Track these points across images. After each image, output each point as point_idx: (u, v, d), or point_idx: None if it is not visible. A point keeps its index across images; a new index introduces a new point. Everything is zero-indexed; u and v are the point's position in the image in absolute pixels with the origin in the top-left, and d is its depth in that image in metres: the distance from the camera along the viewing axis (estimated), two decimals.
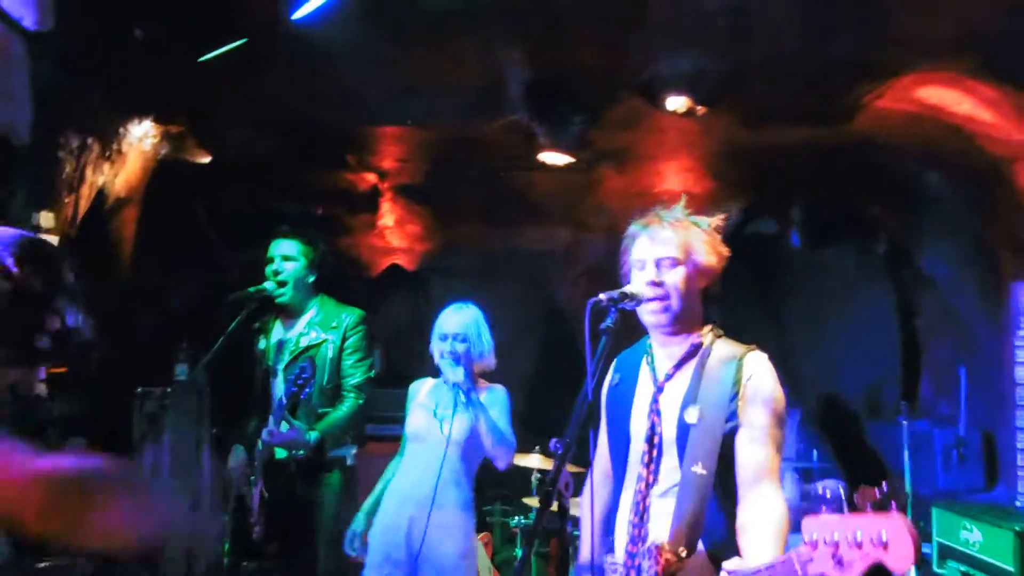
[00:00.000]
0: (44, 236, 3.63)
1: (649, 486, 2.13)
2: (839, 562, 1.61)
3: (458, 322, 3.40)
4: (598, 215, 6.22)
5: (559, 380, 6.47)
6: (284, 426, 3.39)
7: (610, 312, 2.09)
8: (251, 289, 3.63)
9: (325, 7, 3.43)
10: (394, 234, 6.36)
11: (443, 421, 3.31)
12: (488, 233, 6.38)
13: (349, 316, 3.69)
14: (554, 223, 6.34)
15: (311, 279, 3.71)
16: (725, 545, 2.04)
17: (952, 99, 3.92)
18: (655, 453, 2.13)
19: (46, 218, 3.58)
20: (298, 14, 3.52)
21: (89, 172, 4.05)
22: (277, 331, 3.78)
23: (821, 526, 1.65)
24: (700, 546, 2.04)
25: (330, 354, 3.62)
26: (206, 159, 5.14)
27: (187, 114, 4.87)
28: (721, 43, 3.63)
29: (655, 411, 2.16)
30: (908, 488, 4.04)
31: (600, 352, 2.05)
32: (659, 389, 2.18)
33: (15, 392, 3.79)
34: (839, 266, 5.86)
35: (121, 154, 4.43)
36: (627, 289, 2.20)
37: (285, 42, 4.10)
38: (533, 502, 4.43)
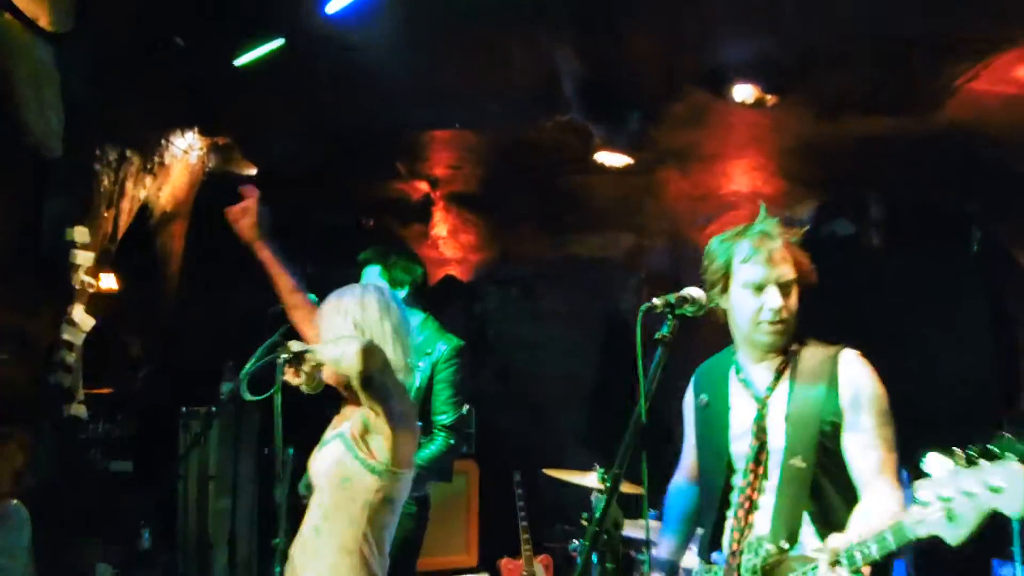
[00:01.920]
0: (79, 251, 3.51)
1: (753, 499, 2.07)
2: (950, 518, 1.57)
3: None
4: (661, 219, 5.90)
5: (621, 393, 6.19)
6: None
7: (665, 321, 1.85)
8: None
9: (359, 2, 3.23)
10: (448, 244, 6.15)
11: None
12: (545, 240, 6.11)
13: (445, 346, 3.52)
14: (614, 228, 6.03)
15: (402, 294, 3.52)
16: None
17: None
18: (762, 470, 2.07)
19: (80, 233, 3.45)
20: (331, 7, 3.33)
21: (130, 186, 3.94)
22: None
23: (933, 485, 1.60)
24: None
25: (417, 382, 3.46)
26: (253, 171, 5.02)
27: (233, 125, 4.76)
28: (792, 23, 3.30)
29: (761, 428, 2.08)
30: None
31: (655, 365, 1.81)
32: (762, 405, 2.10)
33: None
34: (927, 268, 5.39)
35: (164, 167, 4.32)
36: (687, 292, 1.93)
37: (326, 45, 3.93)
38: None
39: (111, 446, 4.29)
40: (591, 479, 4.29)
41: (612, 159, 4.56)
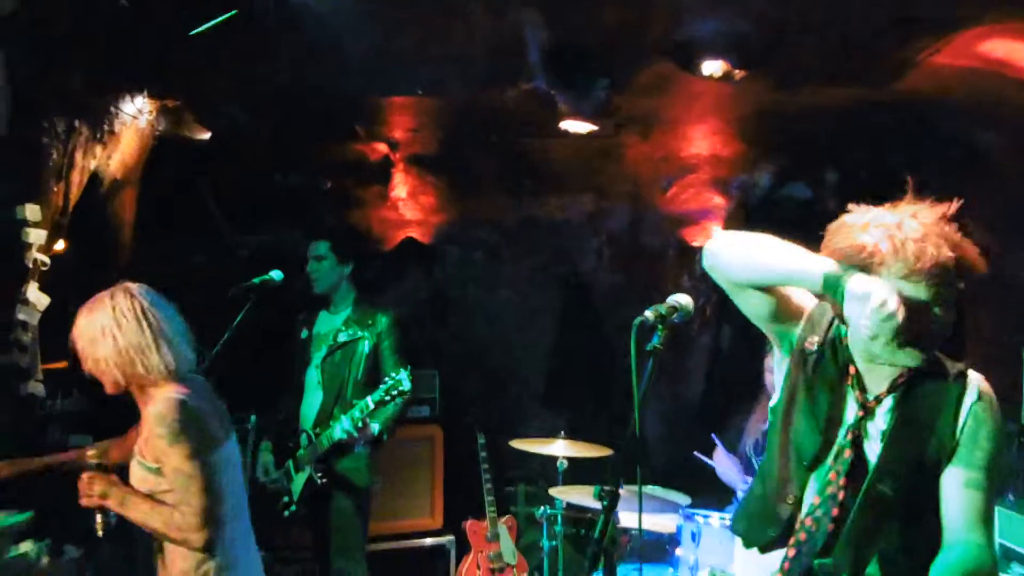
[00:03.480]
0: (31, 230, 3.39)
1: (833, 515, 1.84)
2: None
3: None
4: (621, 182, 5.92)
5: (581, 356, 6.28)
6: (345, 422, 3.80)
7: (656, 331, 1.86)
8: (255, 280, 3.55)
9: None
10: (407, 206, 6.08)
11: None
12: (506, 203, 6.08)
13: (383, 318, 4.12)
14: (575, 191, 6.03)
15: (346, 270, 4.14)
16: None
17: (1022, 53, 3.54)
18: (847, 481, 1.83)
19: (32, 211, 3.33)
20: None
21: (79, 157, 3.78)
22: (321, 324, 4.21)
23: None
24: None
25: (366, 350, 4.06)
26: (206, 135, 4.86)
27: (183, 88, 4.58)
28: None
29: (857, 438, 1.85)
30: None
31: (647, 377, 1.82)
32: (866, 412, 1.86)
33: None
34: None
35: (114, 134, 4.15)
36: (675, 301, 1.95)
37: (283, 8, 3.81)
38: (558, 493, 4.23)
39: (70, 421, 4.21)
40: (556, 447, 4.36)
41: (576, 126, 4.53)
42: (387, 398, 3.71)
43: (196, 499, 2.25)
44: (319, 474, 3.93)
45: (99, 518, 2.36)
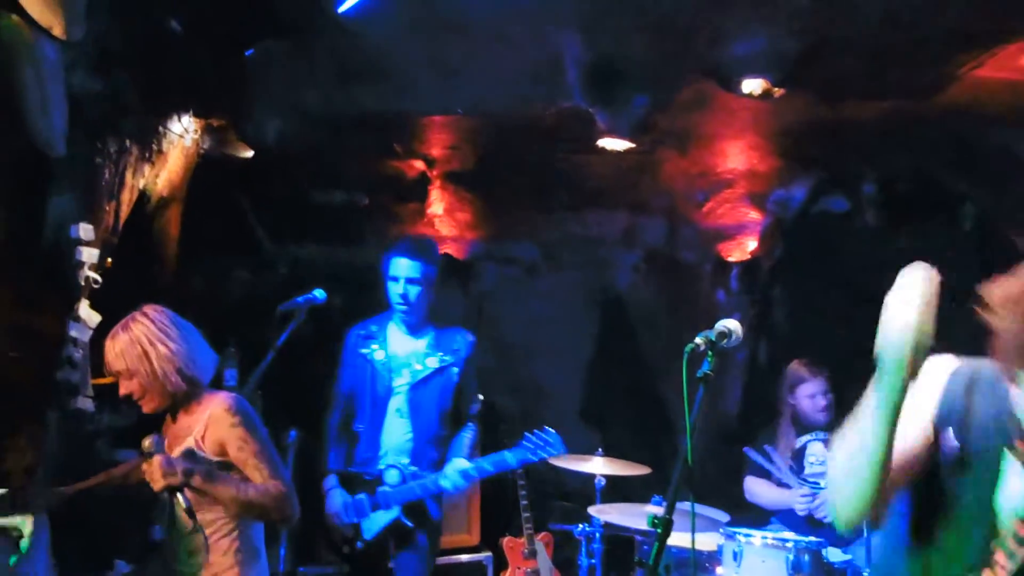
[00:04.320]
0: (84, 248, 3.48)
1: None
2: None
3: None
4: (657, 197, 5.92)
5: (619, 372, 6.26)
6: (459, 477, 3.53)
7: (706, 358, 1.85)
8: (299, 299, 3.50)
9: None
10: (444, 222, 6.13)
11: None
12: (542, 219, 6.11)
13: (464, 340, 3.75)
14: (611, 206, 6.04)
15: (430, 299, 3.72)
16: None
17: None
18: None
19: (85, 230, 3.42)
20: (344, 7, 3.28)
21: (129, 176, 3.88)
22: (398, 345, 3.74)
23: None
24: None
25: (455, 379, 3.70)
26: (248, 153, 4.95)
27: (228, 106, 4.68)
28: (805, 17, 3.28)
29: None
30: None
31: (698, 404, 1.82)
32: None
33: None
34: (919, 245, 5.46)
35: (162, 153, 4.25)
36: (724, 326, 1.94)
37: (329, 30, 3.89)
38: (597, 511, 4.21)
39: (117, 436, 4.28)
40: (593, 464, 4.35)
41: (614, 144, 4.55)
42: (532, 458, 3.49)
43: (283, 473, 2.41)
44: (408, 517, 3.56)
45: (180, 498, 2.28)
